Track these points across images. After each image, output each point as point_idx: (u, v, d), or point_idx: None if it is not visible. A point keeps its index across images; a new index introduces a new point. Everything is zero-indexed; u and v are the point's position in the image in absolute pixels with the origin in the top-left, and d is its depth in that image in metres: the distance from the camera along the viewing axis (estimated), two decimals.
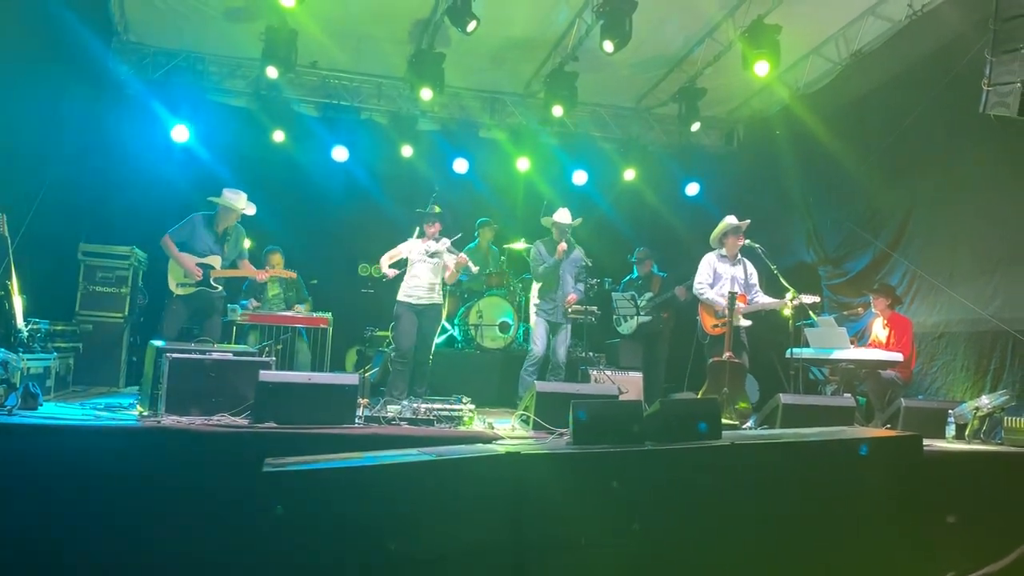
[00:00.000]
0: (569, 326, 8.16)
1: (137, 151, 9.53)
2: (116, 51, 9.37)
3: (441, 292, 7.69)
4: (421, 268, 7.50)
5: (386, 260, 7.58)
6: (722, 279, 7.81)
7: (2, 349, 5.47)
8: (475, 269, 8.23)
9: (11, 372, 5.29)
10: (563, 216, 8.15)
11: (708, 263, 7.94)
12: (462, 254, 7.68)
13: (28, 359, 5.97)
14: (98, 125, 9.25)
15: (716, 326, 7.68)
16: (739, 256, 7.91)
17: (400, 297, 7.48)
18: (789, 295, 7.48)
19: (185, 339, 7.08)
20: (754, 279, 7.93)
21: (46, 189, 7.58)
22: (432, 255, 7.48)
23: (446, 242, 7.58)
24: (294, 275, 8.31)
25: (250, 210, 7.47)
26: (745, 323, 7.72)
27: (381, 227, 9.94)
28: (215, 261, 7.28)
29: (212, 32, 9.35)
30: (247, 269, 7.60)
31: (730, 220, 7.89)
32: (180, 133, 9.71)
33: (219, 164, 9.63)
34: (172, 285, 7.22)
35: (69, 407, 5.93)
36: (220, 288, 7.37)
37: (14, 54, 6.84)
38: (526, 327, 9.06)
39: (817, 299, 7.81)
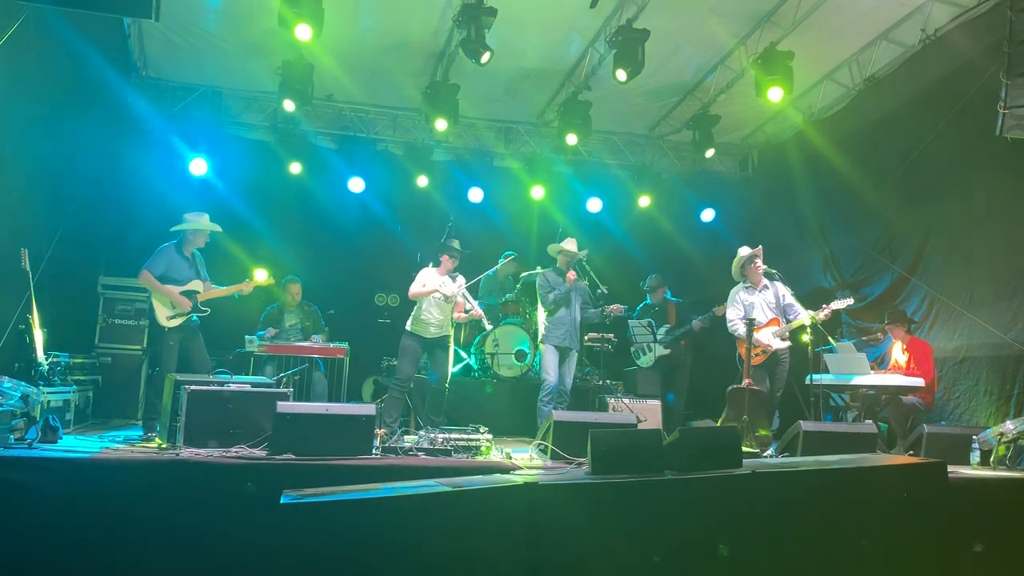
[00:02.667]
0: (577, 353, 8.13)
1: (156, 185, 9.63)
2: (135, 86, 9.51)
3: (450, 324, 7.69)
4: (434, 305, 7.50)
5: (420, 293, 7.46)
6: (753, 309, 7.75)
7: (23, 383, 5.50)
8: (489, 327, 8.23)
9: (32, 405, 5.33)
10: (572, 245, 8.20)
11: (735, 298, 7.90)
12: (478, 308, 7.72)
13: (48, 392, 6.02)
14: (117, 159, 9.38)
15: (756, 355, 7.60)
16: (765, 282, 7.87)
17: (411, 328, 7.48)
18: (808, 317, 7.46)
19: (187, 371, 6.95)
20: (789, 298, 7.80)
21: (66, 223, 7.66)
22: (447, 299, 7.48)
23: (462, 283, 7.59)
24: (272, 281, 7.83)
25: (216, 227, 7.33)
26: (782, 345, 7.67)
27: (397, 257, 10.01)
28: (197, 286, 7.11)
29: (230, 67, 9.48)
30: (217, 290, 7.32)
31: (743, 251, 7.90)
32: (198, 166, 9.81)
33: (237, 197, 9.73)
34: (162, 320, 6.93)
35: (88, 440, 5.96)
36: (207, 311, 7.16)
37: (36, 91, 6.94)
38: (541, 354, 9.02)
39: (851, 301, 7.72)
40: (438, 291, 7.45)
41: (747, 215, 11.19)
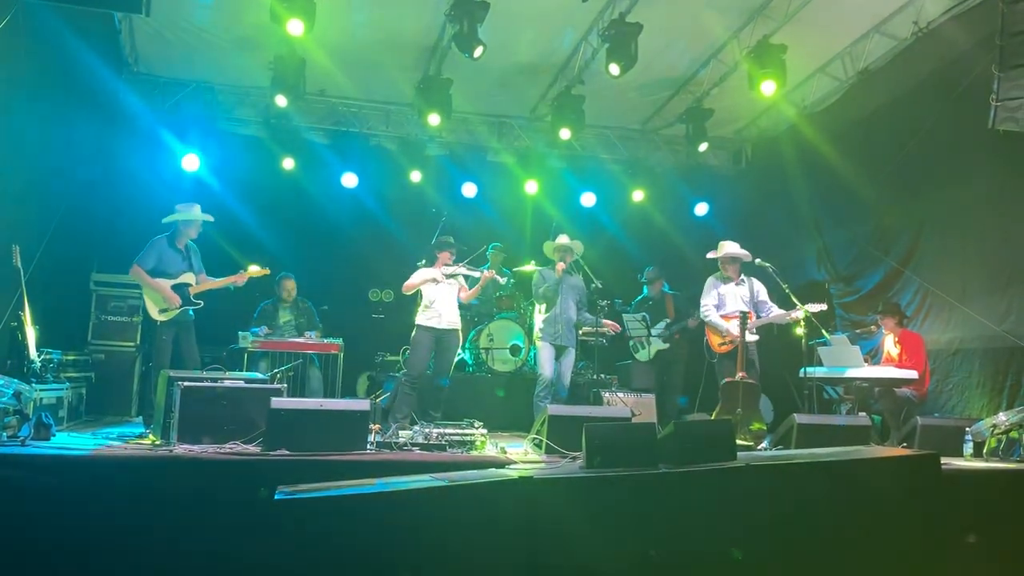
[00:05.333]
0: (574, 350, 8.14)
1: (148, 181, 9.59)
2: (127, 82, 9.43)
3: (459, 315, 7.71)
4: (440, 291, 7.50)
5: (413, 285, 7.49)
6: (727, 301, 7.88)
7: (15, 380, 5.48)
8: (503, 280, 8.30)
9: (24, 403, 5.30)
10: (562, 239, 8.28)
11: (711, 286, 8.05)
12: (489, 269, 7.75)
13: (41, 389, 6.00)
14: (109, 156, 9.34)
15: (723, 344, 7.77)
16: (742, 277, 7.98)
17: (421, 322, 7.45)
18: (783, 318, 7.56)
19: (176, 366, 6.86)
20: (763, 295, 7.94)
21: (58, 220, 7.63)
22: (450, 277, 7.48)
23: (461, 266, 7.60)
24: (267, 271, 7.83)
25: (208, 217, 7.36)
26: (752, 338, 7.72)
27: (391, 252, 9.99)
28: (189, 279, 7.12)
29: (222, 62, 9.43)
30: (211, 282, 7.35)
31: (727, 249, 7.97)
32: (190, 162, 9.76)
33: (229, 192, 9.70)
34: (154, 313, 6.97)
35: (82, 437, 5.94)
36: (201, 303, 7.18)
37: (26, 87, 6.92)
38: (537, 350, 9.03)
39: (824, 306, 7.73)
40: (435, 278, 7.44)
41: (741, 209, 11.21)
